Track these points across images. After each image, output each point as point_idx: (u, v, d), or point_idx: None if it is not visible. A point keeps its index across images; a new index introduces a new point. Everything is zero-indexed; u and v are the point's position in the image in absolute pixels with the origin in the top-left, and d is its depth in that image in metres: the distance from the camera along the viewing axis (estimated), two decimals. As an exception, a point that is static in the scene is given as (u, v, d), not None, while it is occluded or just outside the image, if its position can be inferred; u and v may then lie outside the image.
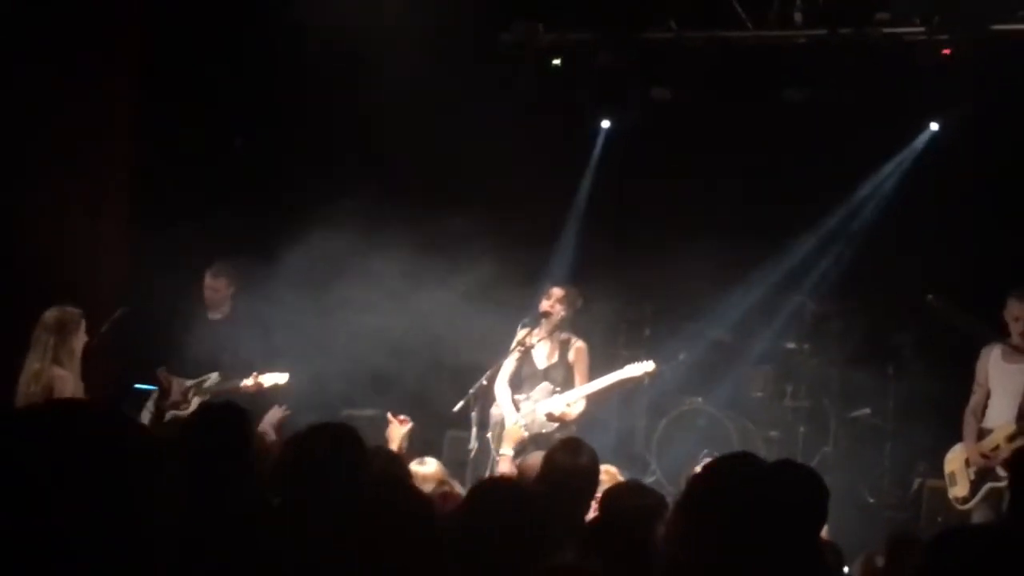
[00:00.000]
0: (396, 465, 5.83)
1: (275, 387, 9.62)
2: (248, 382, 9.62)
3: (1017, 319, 8.81)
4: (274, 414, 8.07)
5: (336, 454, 4.67)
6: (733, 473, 3.98)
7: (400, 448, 7.33)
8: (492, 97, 11.46)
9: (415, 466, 6.88)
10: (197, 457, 4.79)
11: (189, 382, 9.99)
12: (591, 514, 5.47)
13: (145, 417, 9.89)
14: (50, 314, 8.74)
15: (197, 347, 9.93)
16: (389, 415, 7.66)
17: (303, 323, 10.23)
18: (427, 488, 6.81)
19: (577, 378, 9.33)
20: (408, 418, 7.67)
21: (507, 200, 11.24)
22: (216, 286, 10.06)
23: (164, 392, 9.97)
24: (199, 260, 10.19)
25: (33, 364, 8.61)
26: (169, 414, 9.90)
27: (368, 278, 10.04)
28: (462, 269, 10.14)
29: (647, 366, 9.40)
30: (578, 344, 9.40)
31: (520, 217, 11.40)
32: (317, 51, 11.14)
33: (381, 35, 10.77)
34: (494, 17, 12.01)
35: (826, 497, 4.00)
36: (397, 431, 7.50)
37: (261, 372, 9.66)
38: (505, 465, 8.79)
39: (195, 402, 9.85)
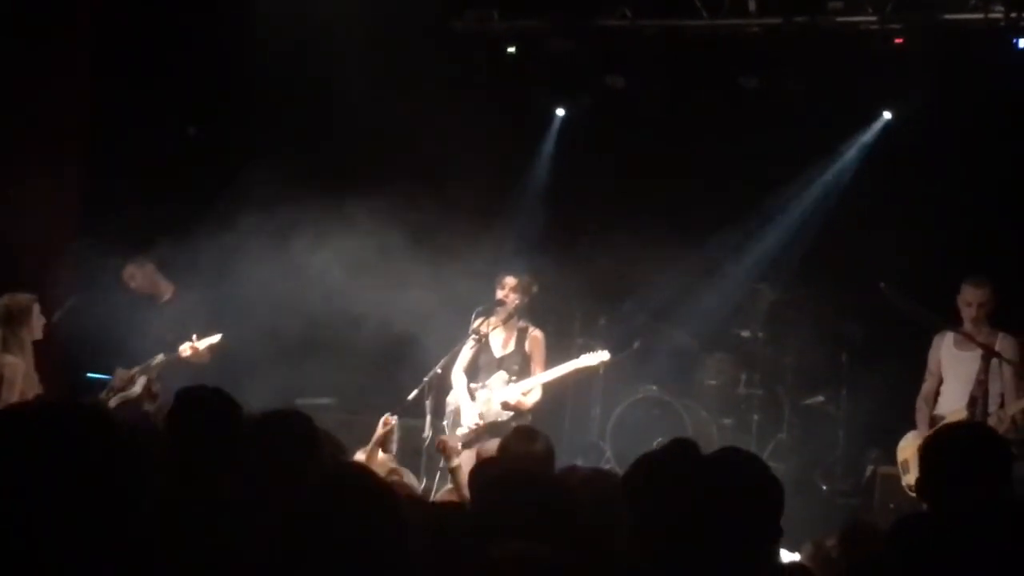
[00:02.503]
0: (343, 452, 5.77)
1: (211, 347, 9.61)
2: (185, 349, 9.59)
3: (969, 304, 8.87)
4: None
5: (288, 442, 4.63)
6: (673, 462, 3.99)
7: (385, 448, 7.30)
8: (446, 84, 11.42)
9: (361, 455, 6.86)
10: (185, 444, 4.72)
11: (138, 366, 9.94)
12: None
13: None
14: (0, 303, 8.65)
15: (144, 331, 9.90)
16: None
17: (253, 311, 10.17)
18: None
19: (534, 367, 9.32)
20: (392, 417, 7.66)
21: (461, 188, 11.21)
22: (133, 284, 10.04)
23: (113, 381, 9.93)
24: (149, 247, 10.13)
25: None
26: (117, 397, 9.83)
27: (318, 266, 10.00)
28: (413, 258, 10.10)
29: (602, 355, 9.41)
30: (535, 333, 9.39)
31: (473, 205, 11.37)
32: (270, 37, 11.06)
33: (335, 22, 10.71)
34: (448, 4, 11.97)
35: (771, 484, 3.99)
36: (381, 431, 7.47)
37: (197, 338, 9.64)
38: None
39: (141, 381, 9.81)
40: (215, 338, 9.71)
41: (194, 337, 9.66)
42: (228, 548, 3.85)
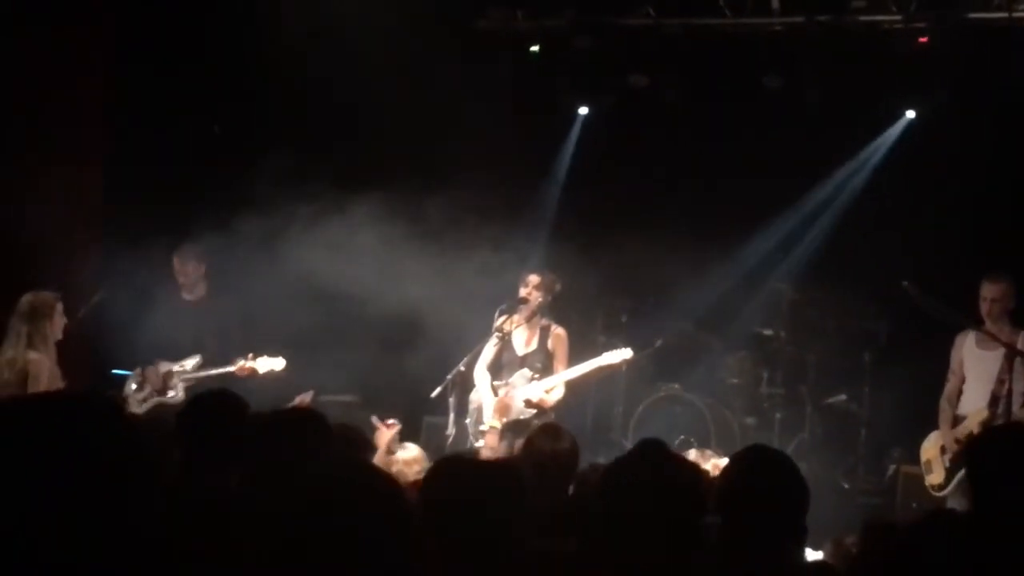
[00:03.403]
0: (356, 448, 5.79)
1: (270, 372, 9.60)
2: (242, 367, 9.60)
3: (985, 299, 8.88)
4: (303, 399, 8.11)
5: (299, 440, 4.66)
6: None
7: (390, 450, 7.31)
8: (469, 83, 11.44)
9: (398, 451, 6.92)
10: (195, 444, 4.78)
11: (171, 366, 9.96)
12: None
13: (131, 404, 9.87)
14: (24, 300, 8.69)
15: (175, 329, 9.91)
16: (375, 420, 7.60)
17: (279, 307, 10.22)
18: (410, 472, 6.85)
19: (557, 365, 9.35)
20: (396, 421, 7.64)
21: (484, 187, 11.23)
22: (185, 270, 10.08)
23: (143, 381, 9.95)
24: (174, 243, 10.19)
25: (6, 352, 8.56)
26: (153, 400, 9.87)
27: (345, 265, 10.02)
28: (438, 257, 10.13)
29: (625, 353, 9.44)
30: (558, 331, 9.42)
31: (497, 204, 11.39)
32: (292, 36, 11.08)
33: (359, 22, 10.74)
34: (472, 2, 11.99)
35: (798, 484, 4.01)
36: (384, 435, 7.47)
37: (255, 356, 9.64)
38: (492, 439, 8.85)
39: (180, 388, 9.85)
40: (278, 363, 9.69)
41: (250, 356, 9.64)
42: (231, 548, 3.88)
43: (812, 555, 5.48)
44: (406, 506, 3.37)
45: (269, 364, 9.67)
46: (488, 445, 8.57)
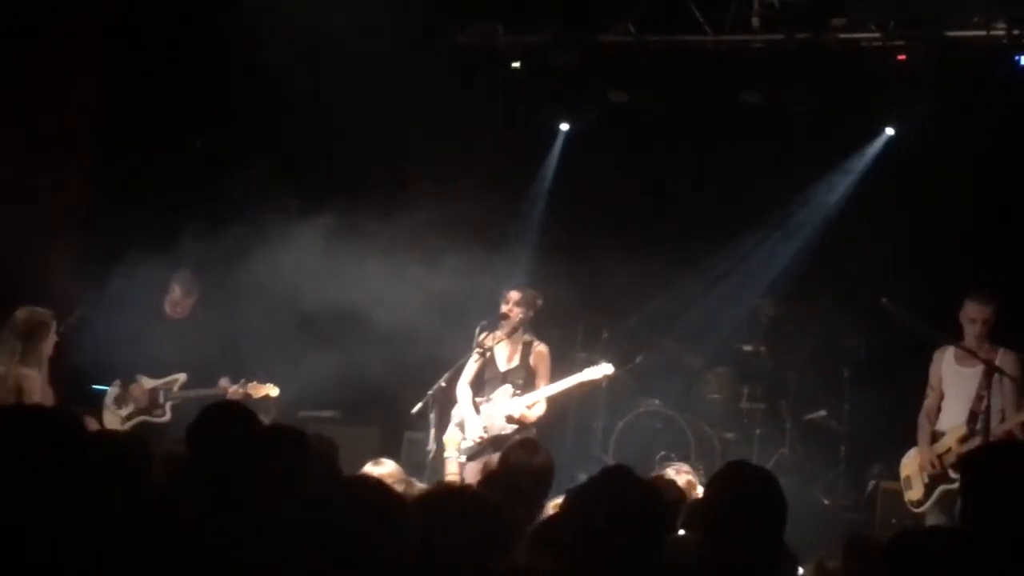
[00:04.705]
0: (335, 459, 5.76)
1: (266, 398, 9.62)
2: (236, 391, 9.60)
3: (974, 321, 8.88)
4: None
5: (279, 455, 4.65)
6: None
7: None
8: (451, 99, 11.46)
9: (370, 467, 6.87)
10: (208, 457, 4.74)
11: (154, 382, 9.94)
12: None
13: (110, 419, 9.84)
14: (20, 316, 8.61)
15: (156, 345, 9.89)
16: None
17: (260, 322, 10.21)
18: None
19: (538, 381, 9.36)
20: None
21: (464, 202, 11.24)
22: (177, 300, 10.06)
23: (126, 397, 9.92)
24: (155, 257, 10.16)
25: None
26: (137, 418, 9.85)
27: (326, 280, 10.03)
28: (419, 273, 10.14)
29: (606, 369, 9.46)
30: (540, 348, 9.44)
31: (478, 219, 11.41)
32: (276, 51, 11.09)
33: (339, 37, 10.75)
34: (453, 19, 12.02)
35: (776, 497, 4.03)
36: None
37: (247, 382, 9.69)
38: (454, 467, 8.92)
39: (168, 407, 9.83)
40: (273, 391, 9.78)
41: (242, 380, 9.75)
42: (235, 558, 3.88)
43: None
44: (403, 519, 3.39)
45: (265, 390, 9.68)
46: (449, 474, 8.69)
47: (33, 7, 11.04)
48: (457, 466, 9.08)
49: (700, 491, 6.20)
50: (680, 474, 6.72)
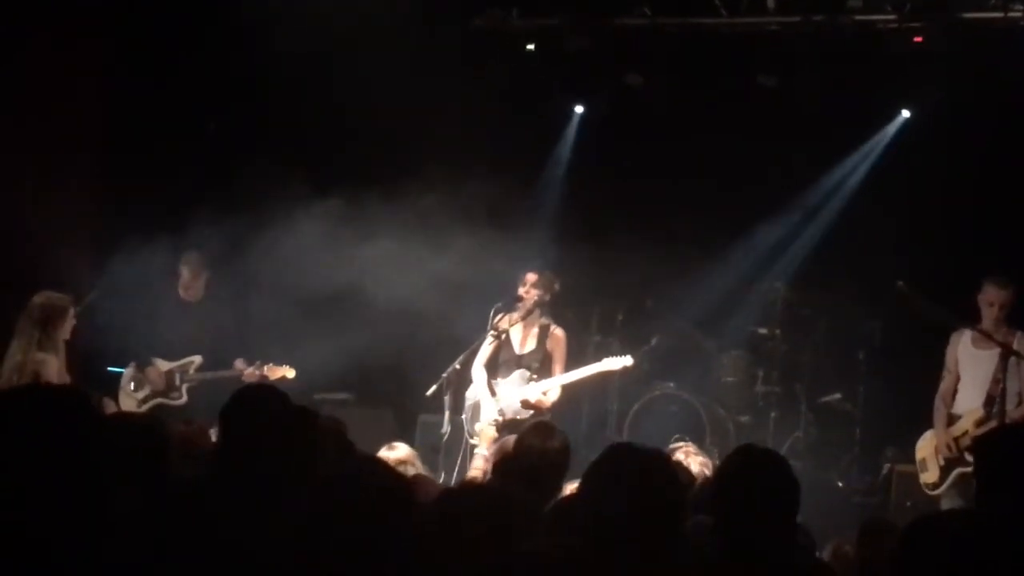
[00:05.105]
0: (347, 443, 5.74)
1: (282, 380, 9.63)
2: (251, 374, 9.61)
3: (992, 304, 8.85)
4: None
5: (309, 437, 4.64)
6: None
7: None
8: (466, 83, 11.44)
9: (385, 452, 6.87)
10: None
11: (170, 364, 9.96)
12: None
13: (126, 402, 9.86)
14: (37, 302, 8.55)
15: (171, 328, 9.91)
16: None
17: (276, 309, 10.23)
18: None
19: (555, 366, 9.35)
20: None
21: (479, 186, 11.23)
22: (194, 281, 10.07)
23: (143, 379, 9.94)
24: (168, 241, 10.19)
25: (15, 356, 8.44)
26: (155, 400, 9.87)
27: (340, 263, 10.04)
28: (434, 256, 10.14)
29: (625, 360, 9.47)
30: (557, 332, 9.42)
31: (492, 203, 11.40)
32: (287, 35, 11.08)
33: (353, 21, 10.73)
34: (467, 2, 11.99)
35: (789, 480, 4.02)
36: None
37: (263, 363, 9.71)
38: (480, 463, 8.86)
39: (185, 389, 9.86)
40: (290, 372, 9.78)
41: (257, 362, 9.75)
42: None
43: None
44: (414, 504, 3.39)
45: (281, 372, 9.69)
46: (476, 469, 8.62)
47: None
48: (483, 461, 9.00)
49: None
50: (689, 456, 6.69)
